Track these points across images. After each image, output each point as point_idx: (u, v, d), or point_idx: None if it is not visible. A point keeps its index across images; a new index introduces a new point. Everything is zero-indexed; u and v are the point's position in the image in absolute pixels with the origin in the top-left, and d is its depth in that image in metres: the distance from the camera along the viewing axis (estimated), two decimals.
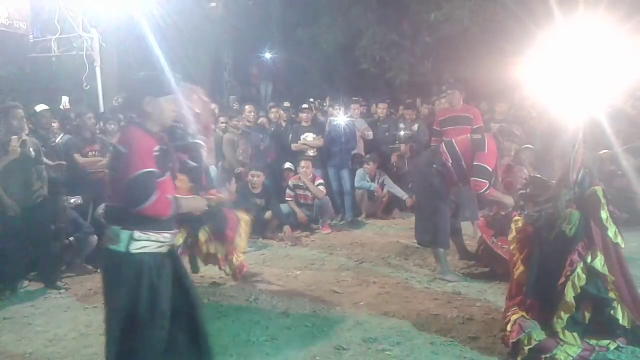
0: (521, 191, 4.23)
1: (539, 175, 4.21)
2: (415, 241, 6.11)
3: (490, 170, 5.16)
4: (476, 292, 4.99)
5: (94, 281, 5.81)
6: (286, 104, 10.65)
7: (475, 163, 5.17)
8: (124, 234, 2.83)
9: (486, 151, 5.17)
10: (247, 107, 8.93)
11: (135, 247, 2.84)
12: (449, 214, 5.46)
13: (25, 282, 5.64)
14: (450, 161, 5.32)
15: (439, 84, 12.34)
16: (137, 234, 2.84)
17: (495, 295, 4.88)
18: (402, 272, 5.74)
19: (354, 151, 8.70)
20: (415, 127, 9.11)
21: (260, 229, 7.31)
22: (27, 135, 5.70)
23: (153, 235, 2.88)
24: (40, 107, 6.86)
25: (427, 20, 12.83)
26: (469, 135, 5.43)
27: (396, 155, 9.05)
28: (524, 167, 5.68)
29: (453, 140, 5.53)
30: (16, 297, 5.31)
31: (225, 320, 4.55)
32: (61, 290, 5.46)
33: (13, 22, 8.96)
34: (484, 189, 5.14)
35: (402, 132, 9.10)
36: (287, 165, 8.30)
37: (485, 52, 11.13)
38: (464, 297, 4.92)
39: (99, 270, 6.13)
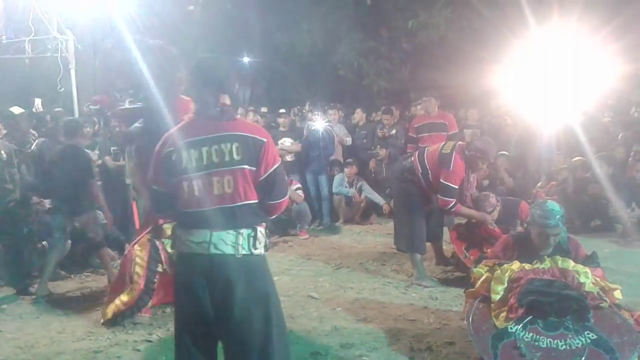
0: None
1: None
2: (393, 247, 6.13)
3: (456, 188, 5.15)
4: (452, 298, 5.00)
5: (67, 287, 5.72)
6: (263, 109, 10.64)
7: (441, 180, 5.17)
8: (261, 234, 2.62)
9: (451, 168, 5.13)
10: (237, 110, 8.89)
11: (266, 246, 2.67)
12: (424, 220, 5.48)
13: None
14: (420, 170, 5.35)
15: (417, 90, 12.45)
16: (264, 231, 2.66)
17: None
18: (379, 278, 5.74)
19: (332, 157, 8.71)
20: (393, 132, 9.16)
21: None
22: None
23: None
24: (17, 110, 6.73)
25: (405, 28, 12.93)
26: (440, 147, 5.37)
27: (374, 160, 9.09)
28: (492, 194, 5.67)
29: (425, 150, 5.55)
30: None
31: None
32: (33, 296, 5.34)
33: None
34: (449, 207, 5.17)
35: (380, 137, 9.15)
36: None
37: (462, 59, 11.27)
38: (441, 303, 4.94)
39: (72, 276, 6.07)
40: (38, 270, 5.98)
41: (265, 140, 2.61)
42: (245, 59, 17.40)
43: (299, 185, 7.95)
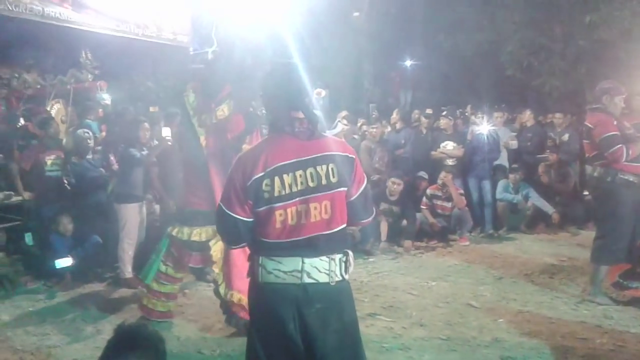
0: None
1: None
2: (563, 259, 5.75)
3: (615, 133, 4.77)
4: (630, 318, 4.58)
5: None
6: (428, 110, 10.53)
7: (597, 141, 4.85)
8: (352, 257, 2.48)
9: (593, 126, 4.88)
10: (396, 111, 9.28)
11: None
12: (630, 230, 4.93)
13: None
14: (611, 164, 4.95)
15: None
16: (352, 254, 2.50)
17: None
18: (546, 291, 5.42)
19: (497, 162, 8.37)
20: (566, 136, 8.57)
21: (396, 237, 7.32)
22: None
23: None
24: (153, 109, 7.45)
25: (581, 23, 11.99)
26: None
27: (543, 165, 8.55)
28: None
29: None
30: None
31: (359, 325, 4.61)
32: (210, 283, 5.87)
33: (177, 37, 9.83)
34: (623, 154, 4.72)
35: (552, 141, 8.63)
36: (420, 173, 8.20)
37: None
38: (617, 323, 4.54)
39: None
40: None
41: (354, 157, 2.47)
42: (408, 62, 17.41)
43: (461, 190, 7.77)
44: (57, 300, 5.40)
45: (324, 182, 2.36)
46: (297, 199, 2.35)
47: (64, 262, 5.78)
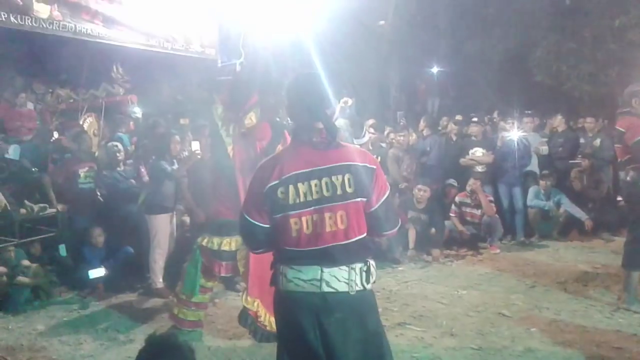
0: None
1: None
2: (597, 266, 5.63)
3: None
4: None
5: None
6: (458, 117, 10.42)
7: (630, 145, 4.76)
8: (373, 267, 2.45)
9: (625, 130, 4.81)
10: (423, 119, 9.24)
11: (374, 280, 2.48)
12: None
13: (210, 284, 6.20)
14: None
15: None
16: (374, 263, 2.48)
17: None
18: (580, 299, 5.32)
19: (527, 168, 8.25)
20: (598, 141, 8.41)
21: (425, 245, 7.26)
22: None
23: None
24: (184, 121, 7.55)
25: (611, 26, 11.80)
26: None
27: (575, 171, 8.40)
28: None
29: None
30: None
31: (388, 335, 4.58)
32: (239, 293, 5.90)
33: (205, 49, 9.96)
34: None
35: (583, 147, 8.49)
36: (450, 181, 8.13)
37: None
38: None
39: None
40: None
41: (375, 167, 2.44)
42: (434, 69, 17.33)
43: (490, 197, 7.68)
44: (90, 310, 5.51)
45: (339, 192, 2.36)
46: (312, 207, 2.37)
47: (97, 272, 5.89)
